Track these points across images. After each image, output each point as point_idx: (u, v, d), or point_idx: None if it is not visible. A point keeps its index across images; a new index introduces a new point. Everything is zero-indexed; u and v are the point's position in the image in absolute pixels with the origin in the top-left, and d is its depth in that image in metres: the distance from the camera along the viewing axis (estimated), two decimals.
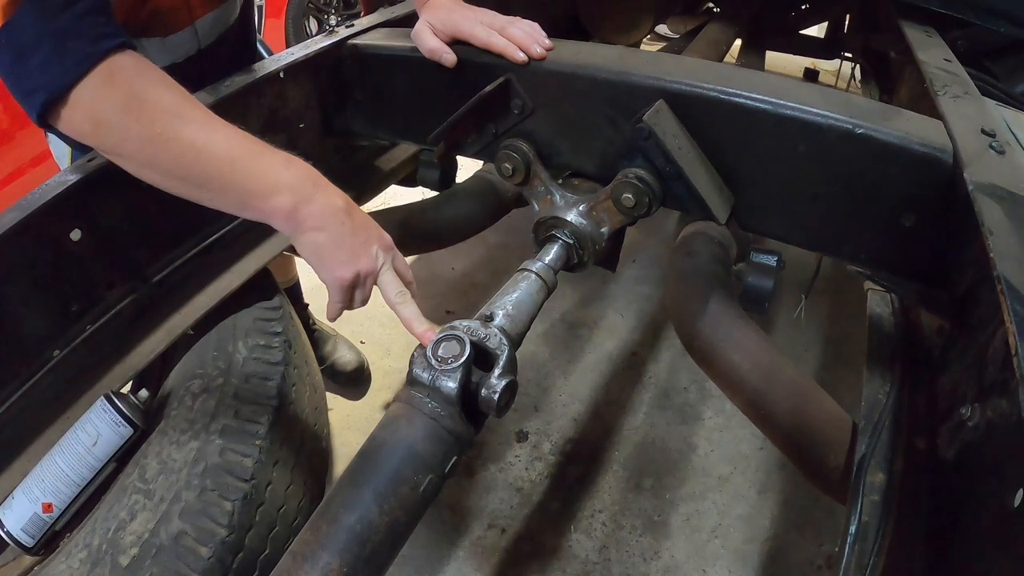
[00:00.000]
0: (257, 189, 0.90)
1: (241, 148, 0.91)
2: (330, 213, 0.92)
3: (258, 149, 0.92)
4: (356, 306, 1.01)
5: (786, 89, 0.99)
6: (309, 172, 0.95)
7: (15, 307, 1.04)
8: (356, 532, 0.75)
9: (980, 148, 0.92)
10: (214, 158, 0.89)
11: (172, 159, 0.89)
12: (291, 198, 0.90)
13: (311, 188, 0.92)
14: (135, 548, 0.95)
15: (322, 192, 0.93)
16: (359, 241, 0.94)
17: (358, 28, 1.42)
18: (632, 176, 1.04)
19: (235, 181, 0.90)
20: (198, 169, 0.89)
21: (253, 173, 0.90)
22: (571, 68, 1.11)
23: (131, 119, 0.87)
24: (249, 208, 0.92)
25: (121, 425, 1.06)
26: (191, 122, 0.90)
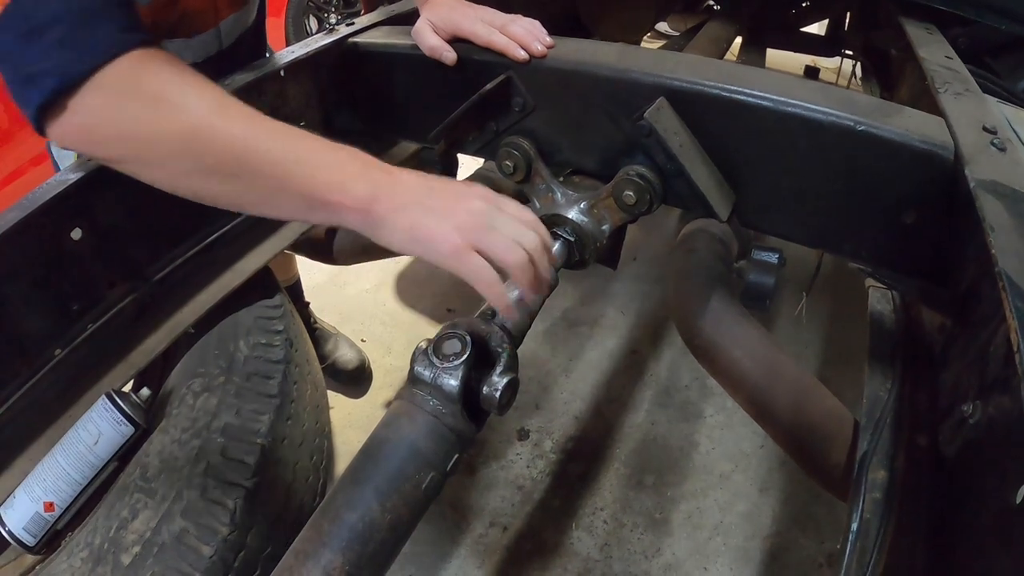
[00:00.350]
0: (324, 184, 0.78)
1: (300, 143, 0.80)
2: (406, 189, 0.81)
3: (315, 144, 0.81)
4: (516, 275, 0.82)
5: (787, 86, 0.99)
6: (375, 160, 0.83)
7: (16, 306, 1.03)
8: (358, 530, 0.75)
9: (981, 145, 0.91)
10: (273, 156, 0.77)
11: (221, 162, 0.77)
12: (365, 187, 0.78)
13: (381, 174, 0.81)
14: (137, 547, 0.95)
15: (393, 174, 0.82)
16: (452, 202, 0.81)
17: (358, 26, 1.41)
18: (633, 173, 1.04)
19: (297, 178, 0.78)
20: (255, 171, 0.77)
21: (317, 167, 0.78)
22: (572, 65, 1.10)
23: (165, 114, 0.76)
24: (318, 206, 0.79)
25: (122, 424, 1.06)
26: (241, 118, 0.78)
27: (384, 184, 0.79)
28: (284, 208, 0.82)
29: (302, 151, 0.79)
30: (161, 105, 0.76)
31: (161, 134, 0.76)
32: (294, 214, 0.85)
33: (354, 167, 0.80)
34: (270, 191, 0.79)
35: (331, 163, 0.79)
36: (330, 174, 0.78)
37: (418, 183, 0.82)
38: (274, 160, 0.77)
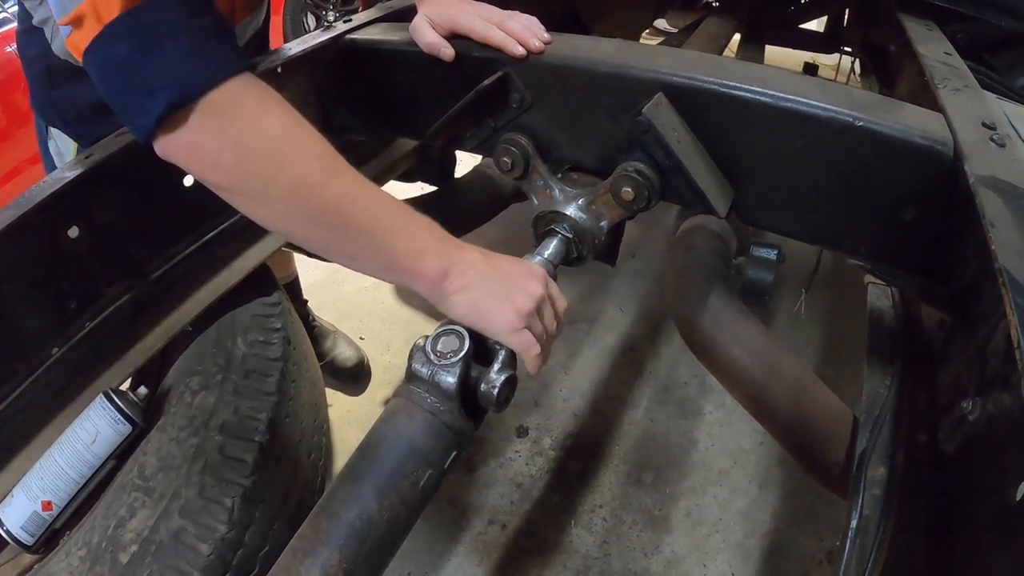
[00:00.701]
0: (406, 250, 0.85)
1: (389, 207, 0.86)
2: (472, 270, 0.88)
3: (403, 210, 0.88)
4: (544, 343, 0.91)
5: (786, 82, 0.99)
6: (447, 236, 0.91)
7: (13, 305, 1.04)
8: (356, 528, 0.75)
9: (981, 141, 0.91)
10: (370, 216, 0.84)
11: (323, 211, 0.82)
12: (439, 261, 0.86)
13: (455, 251, 0.89)
14: (135, 545, 0.95)
15: (462, 251, 0.89)
16: (509, 286, 0.89)
17: (356, 23, 1.41)
18: (631, 170, 1.03)
19: (385, 240, 0.84)
20: (350, 225, 0.83)
21: (402, 234, 0.86)
22: (570, 61, 1.10)
23: (285, 158, 0.80)
24: (396, 269, 0.86)
25: (120, 422, 1.06)
26: (346, 174, 0.84)
27: (456, 261, 0.87)
28: (365, 264, 0.88)
29: (393, 218, 0.86)
30: (276, 150, 0.80)
31: (272, 178, 0.80)
32: (372, 271, 0.89)
33: (431, 240, 0.88)
34: (357, 248, 0.85)
35: (414, 234, 0.87)
36: (412, 243, 0.86)
37: (485, 265, 0.89)
38: (368, 221, 0.84)
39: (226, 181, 0.82)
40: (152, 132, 0.78)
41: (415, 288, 0.88)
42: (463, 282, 0.87)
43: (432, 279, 0.86)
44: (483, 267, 0.89)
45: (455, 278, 0.87)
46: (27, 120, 0.96)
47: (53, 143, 1.43)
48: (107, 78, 0.79)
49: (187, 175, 1.19)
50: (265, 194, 0.81)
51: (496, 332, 0.87)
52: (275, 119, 0.81)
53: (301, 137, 0.83)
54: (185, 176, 1.19)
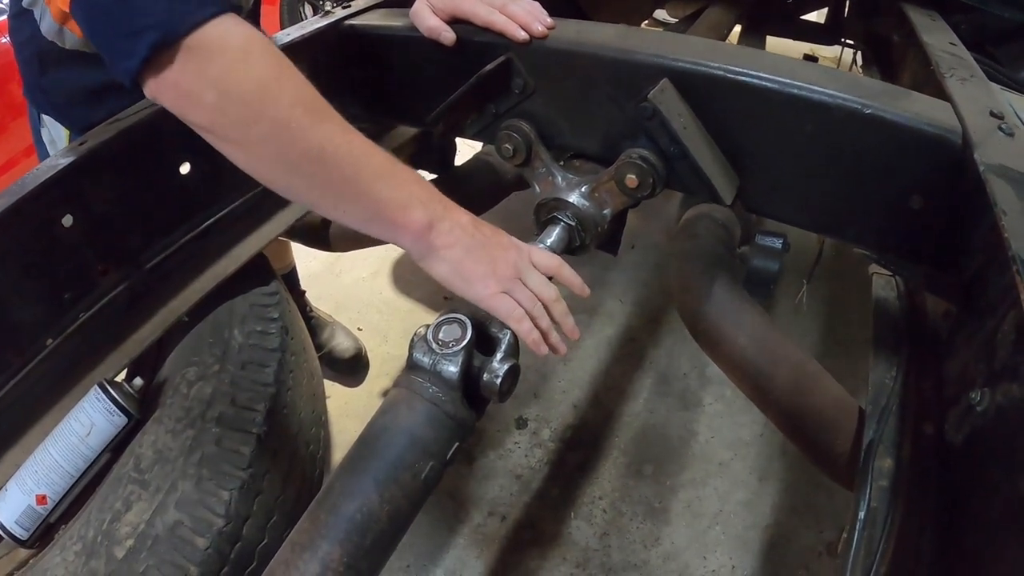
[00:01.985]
0: (391, 200, 0.84)
1: (375, 155, 0.85)
2: (459, 229, 0.88)
3: (391, 160, 0.87)
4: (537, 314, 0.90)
5: (793, 68, 0.98)
6: (436, 191, 0.90)
7: (6, 295, 1.03)
8: (357, 521, 0.74)
9: (989, 130, 0.90)
10: (353, 162, 0.83)
11: (305, 156, 0.81)
12: (425, 214, 0.85)
13: (440, 207, 0.88)
14: (131, 539, 0.95)
15: (449, 210, 0.89)
16: (493, 251, 0.90)
17: (355, 8, 1.40)
18: (636, 156, 1.03)
19: (370, 189, 0.84)
20: (333, 171, 0.82)
21: (388, 183, 0.85)
22: (573, 46, 1.09)
23: (267, 101, 0.79)
24: (380, 219, 0.85)
25: (115, 414, 1.06)
26: (330, 120, 0.83)
27: (442, 217, 0.87)
28: (349, 213, 0.86)
29: (377, 166, 0.85)
30: (259, 92, 0.79)
31: (254, 120, 0.79)
32: (356, 221, 0.87)
33: (419, 193, 0.87)
34: (341, 196, 0.85)
35: (400, 184, 0.86)
36: (398, 193, 0.85)
37: (470, 225, 0.89)
38: (353, 168, 0.83)
39: (208, 122, 0.81)
40: (138, 73, 0.78)
41: (398, 242, 0.87)
42: (448, 240, 0.87)
43: (416, 232, 0.86)
44: (470, 229, 0.89)
45: (440, 234, 0.87)
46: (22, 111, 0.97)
47: (46, 131, 1.42)
48: (93, 23, 0.80)
49: (183, 163, 1.18)
50: (247, 137, 0.81)
51: (474, 296, 0.88)
52: (259, 61, 0.80)
53: (285, 80, 0.81)
54: (181, 164, 1.18)
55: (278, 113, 0.79)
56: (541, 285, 0.91)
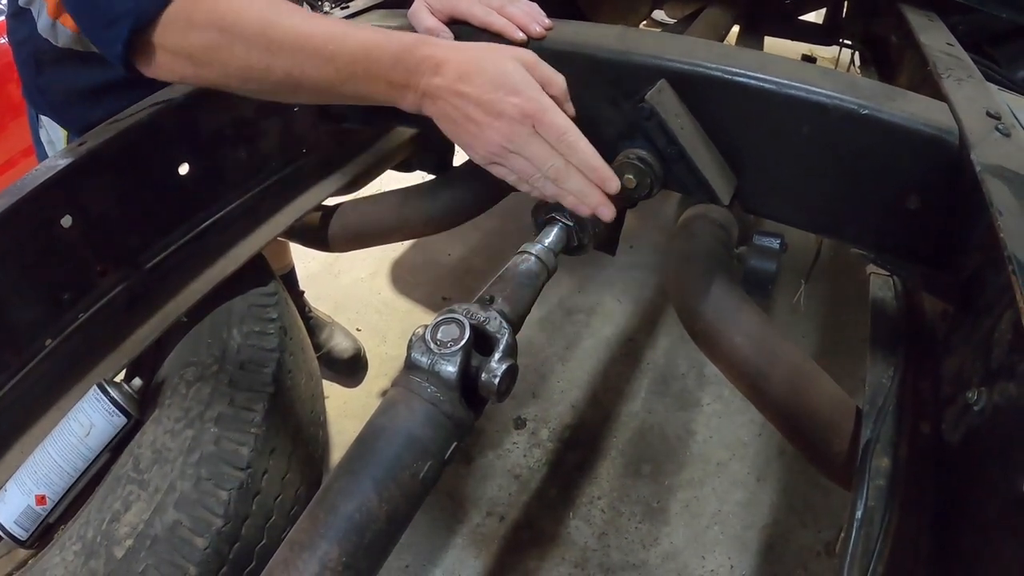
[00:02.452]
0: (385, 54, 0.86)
1: (345, 24, 0.89)
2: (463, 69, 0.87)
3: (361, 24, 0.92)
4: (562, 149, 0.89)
5: (791, 69, 0.98)
6: None
7: (5, 296, 1.03)
8: (355, 520, 0.74)
9: (986, 130, 0.90)
10: (330, 39, 0.86)
11: (279, 45, 0.85)
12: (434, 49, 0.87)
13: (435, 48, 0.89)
14: (130, 539, 0.95)
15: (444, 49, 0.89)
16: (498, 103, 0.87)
17: (353, 9, 1.40)
18: (633, 157, 1.02)
19: (356, 50, 0.86)
20: (305, 47, 0.86)
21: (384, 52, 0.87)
22: (571, 47, 1.09)
23: (230, 38, 0.84)
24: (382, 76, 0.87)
25: (114, 414, 1.06)
26: (292, 15, 0.86)
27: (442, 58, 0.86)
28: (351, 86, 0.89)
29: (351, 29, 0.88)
30: (221, 22, 0.84)
31: (231, 59, 0.86)
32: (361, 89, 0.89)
33: (411, 38, 0.88)
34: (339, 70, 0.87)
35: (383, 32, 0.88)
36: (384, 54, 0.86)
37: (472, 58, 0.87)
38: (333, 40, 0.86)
39: (207, 82, 0.90)
40: (126, 59, 0.86)
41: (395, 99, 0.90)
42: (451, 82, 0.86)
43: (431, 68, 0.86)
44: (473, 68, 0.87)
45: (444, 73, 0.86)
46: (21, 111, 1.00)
47: (44, 131, 1.42)
48: (79, 16, 0.89)
49: (182, 164, 1.18)
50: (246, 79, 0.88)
51: (475, 157, 0.92)
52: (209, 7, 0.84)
53: (238, 7, 0.85)
54: (180, 165, 1.18)
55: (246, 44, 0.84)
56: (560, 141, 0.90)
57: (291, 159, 1.44)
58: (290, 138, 1.41)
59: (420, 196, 1.51)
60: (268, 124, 1.35)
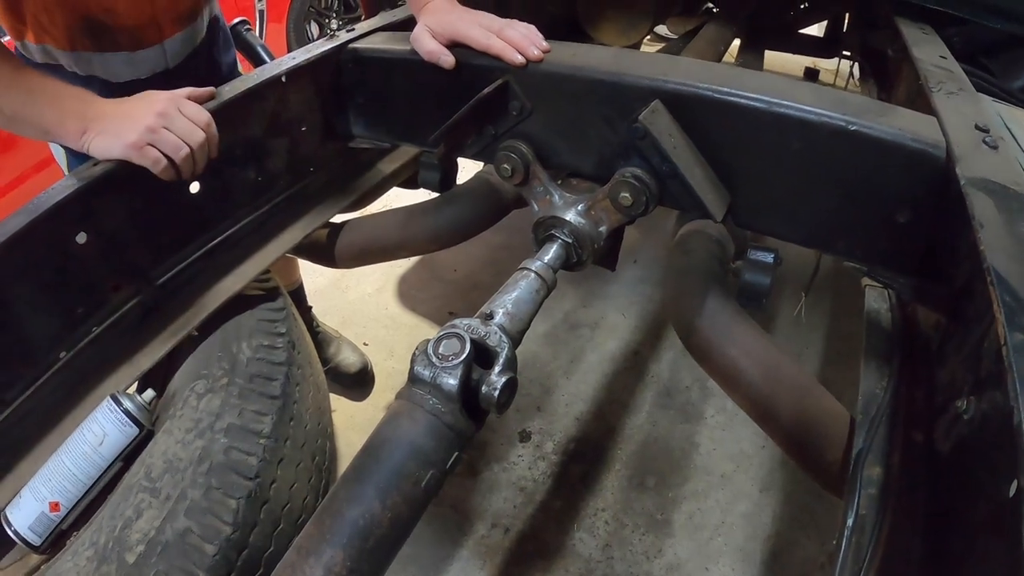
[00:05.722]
0: (53, 120, 1.11)
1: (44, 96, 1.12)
2: (105, 119, 1.11)
3: (56, 93, 1.13)
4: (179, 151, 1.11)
5: (780, 87, 1.00)
6: (91, 100, 1.14)
7: (21, 310, 1.06)
8: (359, 526, 0.76)
9: (973, 143, 0.93)
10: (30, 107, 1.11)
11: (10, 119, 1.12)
12: (78, 123, 1.11)
13: (91, 110, 1.12)
14: (141, 546, 0.96)
15: (96, 108, 1.12)
16: (132, 118, 1.10)
17: (358, 32, 1.44)
18: (629, 175, 1.05)
19: (41, 118, 1.11)
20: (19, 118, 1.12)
21: (51, 110, 1.11)
22: (568, 70, 1.12)
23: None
24: (50, 135, 1.15)
25: (127, 425, 1.07)
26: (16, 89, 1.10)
27: (92, 118, 1.11)
28: (32, 135, 1.19)
29: (44, 101, 1.11)
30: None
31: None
32: (38, 137, 1.23)
33: (73, 107, 1.12)
34: (26, 127, 1.14)
35: (59, 106, 1.11)
36: (54, 115, 1.11)
37: (113, 112, 1.12)
38: (31, 109, 1.11)
39: None
40: None
41: (71, 145, 1.13)
42: (98, 130, 1.10)
43: (74, 136, 1.11)
44: (112, 114, 1.12)
45: (92, 132, 1.10)
46: None
47: (52, 147, 1.49)
48: None
49: (193, 183, 1.21)
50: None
51: (124, 155, 1.09)
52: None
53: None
54: (191, 184, 1.21)
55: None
56: (184, 129, 1.11)
57: (299, 178, 1.46)
58: (298, 157, 1.44)
59: (424, 214, 1.54)
60: (276, 144, 1.38)
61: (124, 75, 1.45)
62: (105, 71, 1.44)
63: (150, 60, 1.47)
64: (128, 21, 1.38)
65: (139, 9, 1.38)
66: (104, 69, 1.43)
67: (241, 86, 1.26)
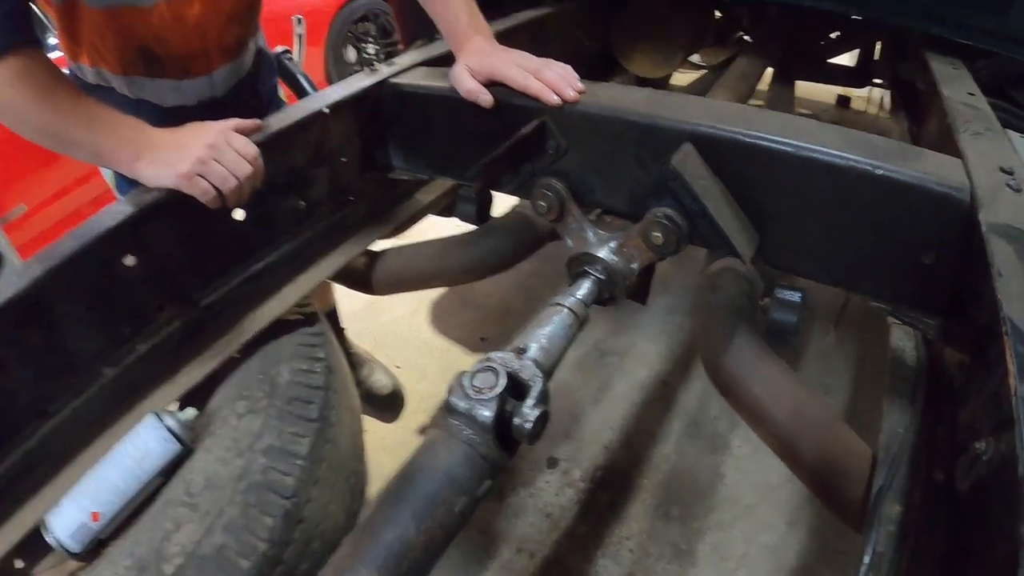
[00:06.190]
0: (109, 148, 1.19)
1: (102, 123, 1.19)
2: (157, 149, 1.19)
3: (112, 121, 1.19)
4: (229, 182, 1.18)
5: (808, 131, 1.03)
6: (145, 130, 1.21)
7: (69, 327, 1.11)
8: (394, 549, 0.80)
9: (997, 186, 0.95)
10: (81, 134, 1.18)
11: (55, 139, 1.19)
12: (132, 150, 1.18)
13: (146, 139, 1.20)
14: (179, 558, 0.99)
15: (151, 138, 1.20)
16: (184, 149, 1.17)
17: (399, 67, 1.49)
18: (661, 215, 1.08)
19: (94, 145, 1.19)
20: (77, 143, 1.20)
21: (107, 138, 1.18)
22: (603, 111, 1.16)
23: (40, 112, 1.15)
24: (104, 161, 1.24)
25: (169, 442, 1.11)
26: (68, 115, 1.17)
27: (146, 147, 1.18)
28: (87, 158, 1.24)
29: (101, 128, 1.18)
30: (21, 111, 1.15)
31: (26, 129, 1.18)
32: (97, 163, 1.32)
33: (128, 136, 1.19)
34: (83, 152, 1.21)
35: (115, 134, 1.18)
36: (110, 143, 1.18)
37: (167, 140, 1.20)
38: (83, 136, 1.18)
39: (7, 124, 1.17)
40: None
41: (123, 172, 1.22)
42: (150, 159, 1.17)
43: (128, 163, 1.18)
44: (164, 144, 1.19)
45: (145, 160, 1.17)
46: None
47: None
48: None
49: (237, 211, 1.26)
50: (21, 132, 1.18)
51: (174, 184, 1.15)
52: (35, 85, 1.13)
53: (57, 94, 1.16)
54: (234, 211, 1.26)
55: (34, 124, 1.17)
56: (233, 162, 1.17)
57: (339, 206, 1.51)
58: (338, 187, 1.49)
59: (460, 246, 1.59)
60: (318, 174, 1.43)
61: (172, 101, 1.51)
62: (155, 96, 1.50)
63: (198, 89, 1.53)
64: (179, 52, 1.44)
65: (190, 42, 1.44)
66: (154, 94, 1.49)
67: (286, 119, 1.32)
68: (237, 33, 1.55)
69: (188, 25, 1.41)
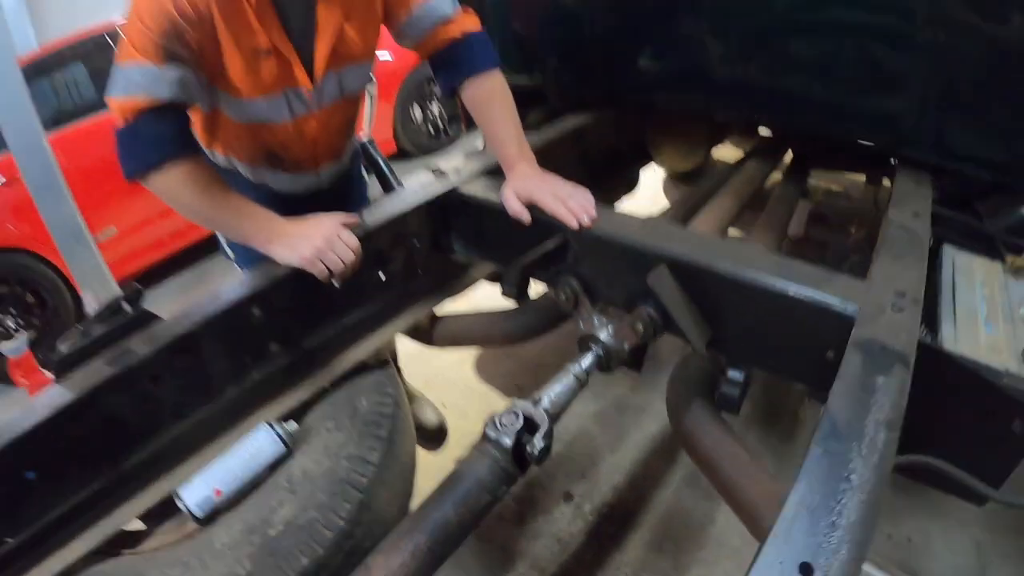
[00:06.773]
0: (251, 232, 1.50)
1: (245, 214, 1.50)
2: (287, 236, 1.50)
3: (252, 213, 1.50)
4: (338, 265, 1.50)
5: (751, 259, 1.33)
6: (277, 220, 1.51)
7: (208, 356, 1.41)
8: (439, 524, 1.14)
9: (883, 307, 1.17)
10: (235, 221, 1.51)
11: (209, 223, 1.54)
12: (267, 235, 1.50)
13: (278, 227, 1.51)
14: (281, 525, 1.27)
15: (283, 227, 1.50)
16: (306, 238, 1.48)
17: (463, 177, 1.80)
18: (644, 313, 1.41)
19: (241, 229, 1.50)
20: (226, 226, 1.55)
21: (250, 224, 1.50)
22: (607, 235, 1.47)
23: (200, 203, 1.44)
24: (247, 241, 1.52)
25: (277, 444, 1.40)
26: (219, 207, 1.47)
27: (278, 234, 1.50)
28: (236, 238, 1.56)
29: (244, 218, 1.50)
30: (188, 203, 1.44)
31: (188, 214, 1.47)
32: (238, 240, 1.56)
33: (263, 224, 1.51)
34: (231, 232, 1.57)
35: (255, 224, 1.50)
36: (252, 227, 1.50)
37: (294, 229, 1.50)
38: (236, 222, 1.51)
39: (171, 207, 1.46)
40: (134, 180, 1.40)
41: (255, 247, 1.52)
42: (280, 243, 1.49)
43: (262, 243, 1.50)
44: (292, 233, 1.49)
45: (276, 243, 1.49)
46: None
47: None
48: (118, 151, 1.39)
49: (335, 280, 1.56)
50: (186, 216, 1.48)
51: (299, 266, 1.47)
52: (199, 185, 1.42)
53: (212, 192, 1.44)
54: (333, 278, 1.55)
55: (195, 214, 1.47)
56: (343, 252, 1.48)
57: (411, 278, 1.82)
58: (411, 264, 1.81)
59: (503, 319, 1.92)
60: (397, 254, 1.74)
61: (287, 189, 1.79)
62: (273, 183, 1.79)
63: (308, 181, 1.81)
64: (296, 156, 1.73)
65: (306, 149, 1.74)
66: (273, 182, 1.77)
67: (379, 216, 1.64)
68: (341, 142, 1.85)
69: (306, 139, 1.70)
